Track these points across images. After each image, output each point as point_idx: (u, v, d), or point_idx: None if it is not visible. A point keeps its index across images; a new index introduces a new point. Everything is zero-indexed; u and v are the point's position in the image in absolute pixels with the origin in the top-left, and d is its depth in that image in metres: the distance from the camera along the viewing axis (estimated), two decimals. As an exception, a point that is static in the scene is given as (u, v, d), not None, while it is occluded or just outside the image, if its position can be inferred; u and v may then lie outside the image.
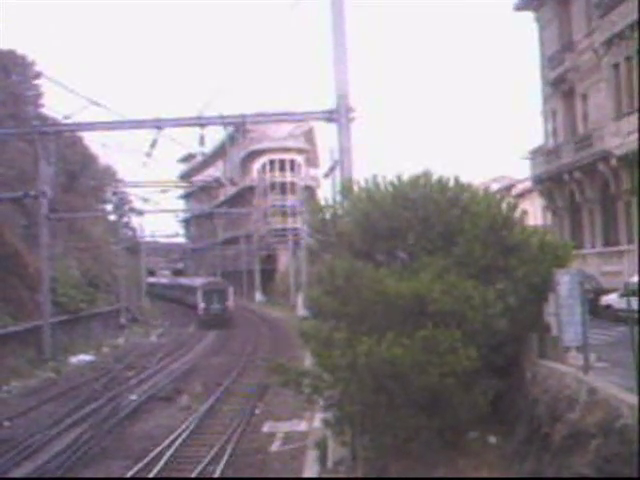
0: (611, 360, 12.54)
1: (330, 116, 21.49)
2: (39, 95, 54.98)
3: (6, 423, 24.67)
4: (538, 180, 37.09)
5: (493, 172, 62.64)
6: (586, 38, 31.95)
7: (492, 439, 12.98)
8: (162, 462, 19.13)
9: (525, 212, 15.99)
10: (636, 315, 11.35)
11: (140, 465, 18.98)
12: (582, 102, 33.30)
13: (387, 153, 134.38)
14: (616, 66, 29.32)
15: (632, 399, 9.08)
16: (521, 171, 47.97)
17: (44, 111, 51.49)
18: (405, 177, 14.87)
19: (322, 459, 17.96)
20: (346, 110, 20.80)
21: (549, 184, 35.92)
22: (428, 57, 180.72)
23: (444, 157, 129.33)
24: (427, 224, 14.16)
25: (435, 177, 14.78)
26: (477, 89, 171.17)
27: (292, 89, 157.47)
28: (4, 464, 19.38)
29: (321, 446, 18.39)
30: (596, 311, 21.07)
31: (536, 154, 38.14)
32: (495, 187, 47.02)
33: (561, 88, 35.27)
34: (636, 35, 26.56)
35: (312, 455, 18.85)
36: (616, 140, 28.11)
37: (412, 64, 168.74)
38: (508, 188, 50.84)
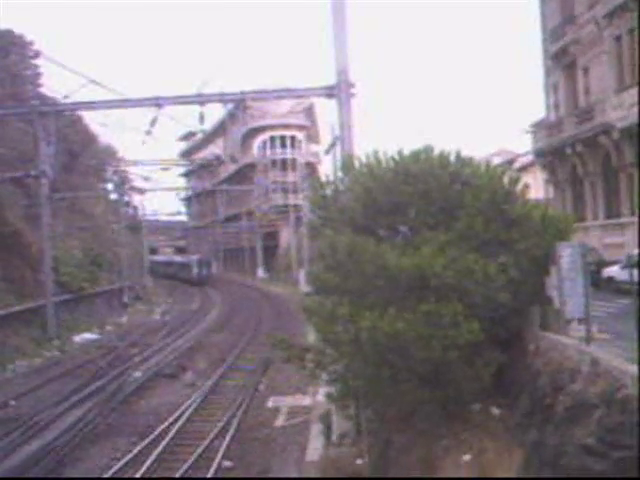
0: (613, 332, 12.59)
1: (330, 92, 21.44)
2: (38, 75, 54.67)
3: (12, 402, 24.87)
4: (540, 154, 37.02)
5: (494, 146, 62.48)
6: (588, 11, 31.70)
7: (495, 411, 13.07)
8: (168, 438, 19.33)
9: (527, 186, 15.99)
10: (638, 287, 11.39)
11: (146, 441, 19.17)
12: (584, 75, 33.13)
13: (388, 128, 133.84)
14: (618, 38, 29.14)
15: (634, 370, 9.13)
16: (523, 145, 47.87)
17: (43, 91, 51.26)
18: (406, 152, 14.84)
19: (326, 432, 18.16)
20: (346, 85, 20.75)
21: (551, 157, 35.84)
22: (429, 31, 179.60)
23: (445, 132, 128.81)
24: (428, 199, 14.15)
25: (436, 152, 14.76)
26: (478, 63, 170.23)
27: (292, 67, 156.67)
28: (12, 442, 19.59)
29: (325, 420, 18.58)
30: (598, 283, 21.13)
31: (538, 128, 38.04)
32: (497, 161, 46.87)
33: (563, 61, 35.07)
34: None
35: (316, 429, 19.05)
36: (618, 113, 28.01)
37: (413, 39, 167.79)
38: (510, 162, 50.69)
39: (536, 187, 42.50)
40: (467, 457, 12.08)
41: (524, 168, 46.29)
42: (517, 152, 53.19)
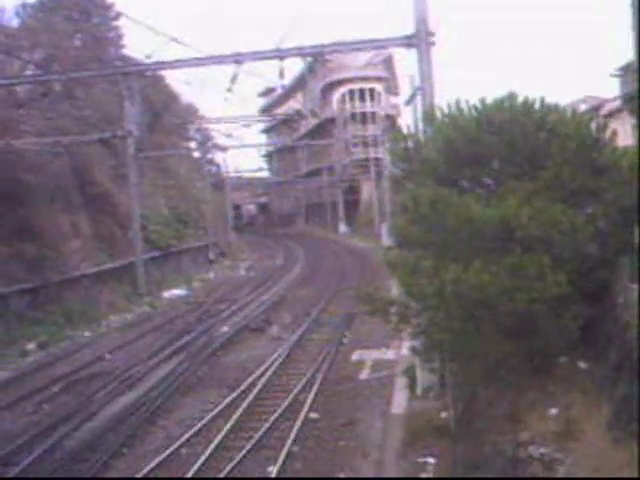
0: None
1: (409, 42, 21.03)
2: (120, 36, 55.56)
3: (107, 355, 25.93)
4: (628, 98, 35.51)
5: (580, 92, 60.33)
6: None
7: (582, 364, 12.83)
8: (256, 390, 19.80)
9: (615, 132, 15.32)
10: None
11: (235, 393, 19.70)
12: (676, 12, 31.42)
13: (469, 77, 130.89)
14: None
15: None
16: (610, 90, 46.12)
17: (126, 52, 52.14)
18: (489, 101, 14.46)
19: (411, 386, 18.23)
20: (426, 34, 20.31)
21: (641, 102, 34.37)
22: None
23: (529, 79, 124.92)
24: (513, 148, 13.79)
25: (520, 99, 14.33)
26: (560, 5, 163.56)
27: (370, 17, 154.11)
28: (110, 393, 20.51)
29: (409, 373, 18.63)
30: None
31: (626, 71, 36.45)
32: (583, 108, 45.23)
33: (653, -2, 33.36)
34: None
35: (401, 382, 19.15)
36: None
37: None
38: (596, 108, 48.83)
39: (625, 134, 40.85)
40: (554, 411, 11.94)
41: (612, 114, 44.54)
42: (604, 98, 51.16)
